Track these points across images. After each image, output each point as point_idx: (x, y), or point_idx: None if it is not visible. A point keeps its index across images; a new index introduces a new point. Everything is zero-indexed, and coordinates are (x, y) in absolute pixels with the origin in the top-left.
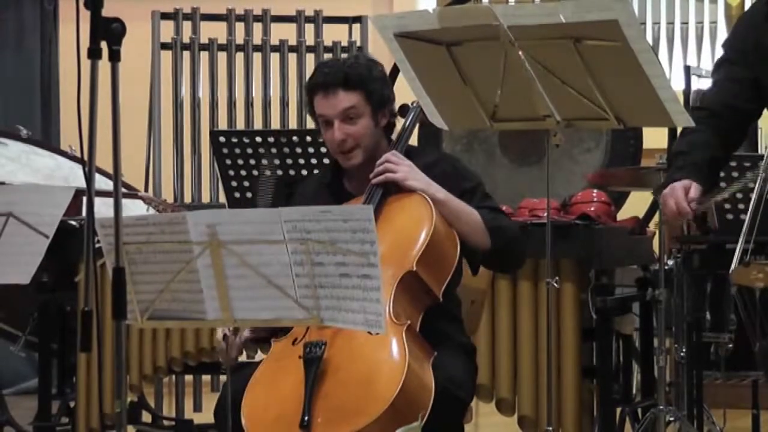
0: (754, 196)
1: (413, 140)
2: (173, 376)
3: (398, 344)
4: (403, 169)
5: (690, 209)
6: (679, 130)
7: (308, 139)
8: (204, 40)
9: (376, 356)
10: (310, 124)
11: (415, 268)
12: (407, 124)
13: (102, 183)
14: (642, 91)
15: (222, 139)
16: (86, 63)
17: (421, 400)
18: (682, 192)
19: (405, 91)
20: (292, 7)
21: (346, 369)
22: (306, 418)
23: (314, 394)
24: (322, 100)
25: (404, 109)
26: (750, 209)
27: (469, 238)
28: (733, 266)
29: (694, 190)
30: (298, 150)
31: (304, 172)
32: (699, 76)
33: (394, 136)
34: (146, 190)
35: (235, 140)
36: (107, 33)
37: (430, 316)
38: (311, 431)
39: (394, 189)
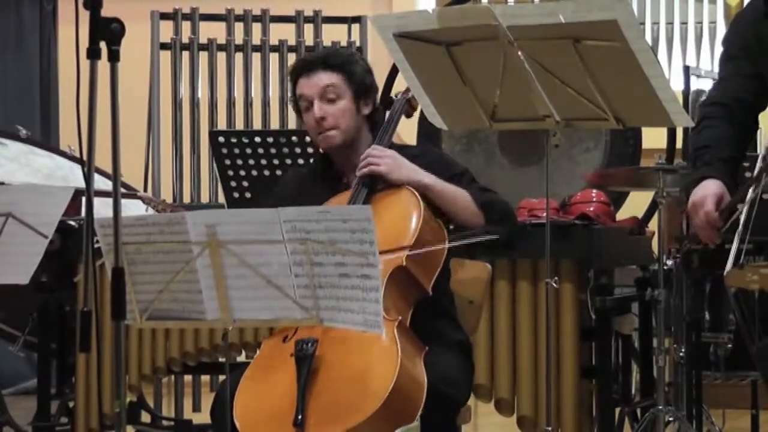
0: (747, 197)
1: (413, 140)
2: (172, 377)
3: (390, 340)
4: (386, 161)
5: (720, 221)
6: (678, 130)
7: (307, 139)
8: (203, 40)
9: (368, 353)
10: None
11: (404, 263)
12: (392, 116)
13: (101, 183)
14: (641, 91)
15: (221, 139)
16: (85, 63)
17: (413, 396)
18: (714, 203)
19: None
20: (291, 7)
21: (339, 366)
22: (299, 416)
23: (307, 392)
24: (303, 80)
25: (389, 102)
26: (744, 211)
27: (461, 217)
28: (727, 269)
29: (724, 200)
30: (297, 150)
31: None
32: (698, 76)
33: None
34: (145, 190)
35: (234, 140)
36: (106, 33)
37: (422, 312)
38: (305, 430)
39: (381, 184)
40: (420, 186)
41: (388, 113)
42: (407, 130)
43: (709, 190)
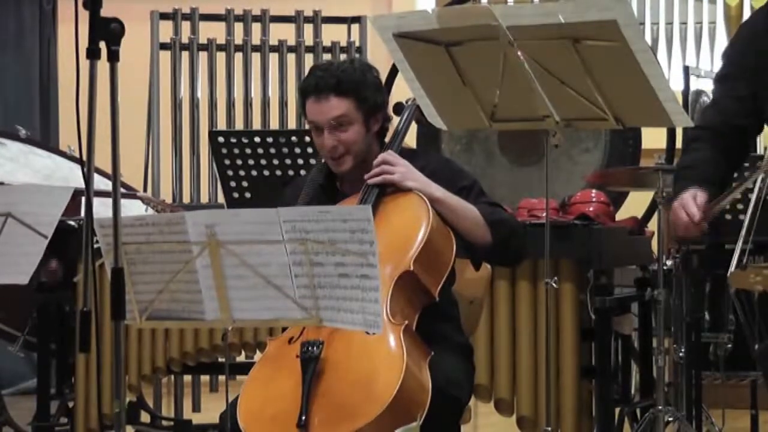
0: (753, 197)
1: (412, 140)
2: (172, 377)
3: (396, 344)
4: (400, 169)
5: (701, 216)
6: (678, 130)
7: (307, 139)
8: (203, 40)
9: (373, 356)
10: None
11: (412, 268)
12: (402, 122)
13: (101, 183)
14: (641, 92)
15: (221, 139)
16: (85, 63)
17: (418, 399)
18: (692, 200)
19: (404, 91)
20: (290, 7)
21: (344, 368)
22: (303, 417)
23: (311, 394)
24: (314, 104)
25: (399, 108)
26: (749, 211)
27: (469, 233)
28: (730, 270)
29: (701, 196)
30: (297, 150)
31: (303, 173)
32: (698, 76)
33: (388, 135)
34: (145, 190)
35: (233, 140)
36: (106, 33)
37: (426, 316)
38: (308, 431)
39: (390, 188)
40: (431, 199)
41: (398, 119)
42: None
43: (693, 194)
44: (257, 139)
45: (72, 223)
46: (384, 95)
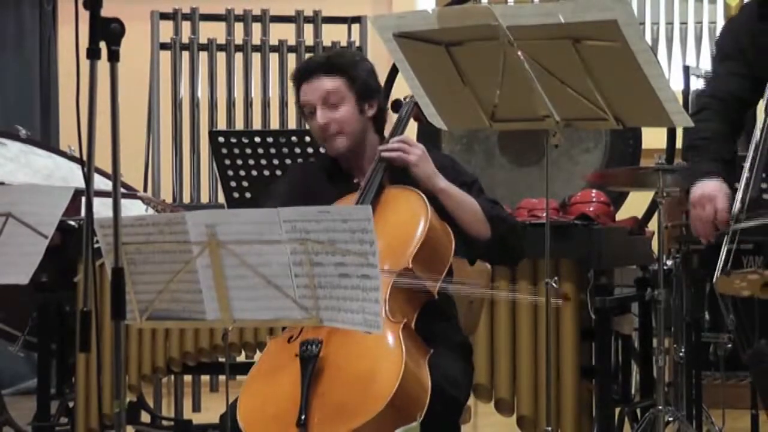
0: (737, 195)
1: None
2: (172, 377)
3: (395, 342)
4: (417, 152)
5: (726, 223)
6: (678, 130)
7: (307, 139)
8: (203, 40)
9: (372, 354)
10: None
11: (410, 265)
12: (401, 119)
13: (101, 183)
14: (641, 92)
15: (221, 139)
16: (85, 63)
17: (418, 398)
18: (726, 202)
19: (404, 91)
20: (291, 7)
21: (343, 367)
22: (303, 416)
23: (311, 393)
24: (306, 86)
25: (397, 105)
26: (732, 214)
27: (469, 227)
28: (715, 276)
29: (729, 204)
30: (297, 150)
31: None
32: (698, 76)
33: (387, 131)
34: (145, 190)
35: (234, 140)
36: (106, 33)
37: (424, 315)
38: (308, 430)
39: (392, 176)
40: (436, 188)
41: (396, 116)
42: (407, 130)
43: (723, 190)
44: (257, 139)
45: (72, 223)
46: (378, 83)
